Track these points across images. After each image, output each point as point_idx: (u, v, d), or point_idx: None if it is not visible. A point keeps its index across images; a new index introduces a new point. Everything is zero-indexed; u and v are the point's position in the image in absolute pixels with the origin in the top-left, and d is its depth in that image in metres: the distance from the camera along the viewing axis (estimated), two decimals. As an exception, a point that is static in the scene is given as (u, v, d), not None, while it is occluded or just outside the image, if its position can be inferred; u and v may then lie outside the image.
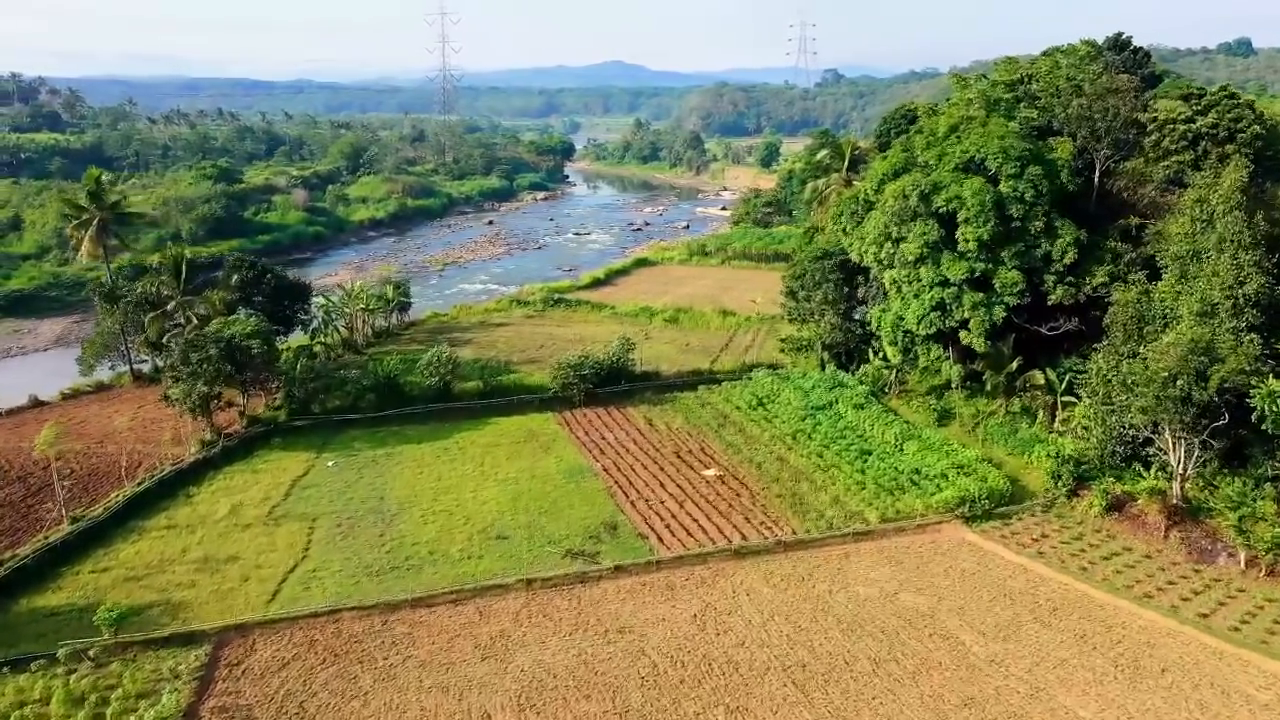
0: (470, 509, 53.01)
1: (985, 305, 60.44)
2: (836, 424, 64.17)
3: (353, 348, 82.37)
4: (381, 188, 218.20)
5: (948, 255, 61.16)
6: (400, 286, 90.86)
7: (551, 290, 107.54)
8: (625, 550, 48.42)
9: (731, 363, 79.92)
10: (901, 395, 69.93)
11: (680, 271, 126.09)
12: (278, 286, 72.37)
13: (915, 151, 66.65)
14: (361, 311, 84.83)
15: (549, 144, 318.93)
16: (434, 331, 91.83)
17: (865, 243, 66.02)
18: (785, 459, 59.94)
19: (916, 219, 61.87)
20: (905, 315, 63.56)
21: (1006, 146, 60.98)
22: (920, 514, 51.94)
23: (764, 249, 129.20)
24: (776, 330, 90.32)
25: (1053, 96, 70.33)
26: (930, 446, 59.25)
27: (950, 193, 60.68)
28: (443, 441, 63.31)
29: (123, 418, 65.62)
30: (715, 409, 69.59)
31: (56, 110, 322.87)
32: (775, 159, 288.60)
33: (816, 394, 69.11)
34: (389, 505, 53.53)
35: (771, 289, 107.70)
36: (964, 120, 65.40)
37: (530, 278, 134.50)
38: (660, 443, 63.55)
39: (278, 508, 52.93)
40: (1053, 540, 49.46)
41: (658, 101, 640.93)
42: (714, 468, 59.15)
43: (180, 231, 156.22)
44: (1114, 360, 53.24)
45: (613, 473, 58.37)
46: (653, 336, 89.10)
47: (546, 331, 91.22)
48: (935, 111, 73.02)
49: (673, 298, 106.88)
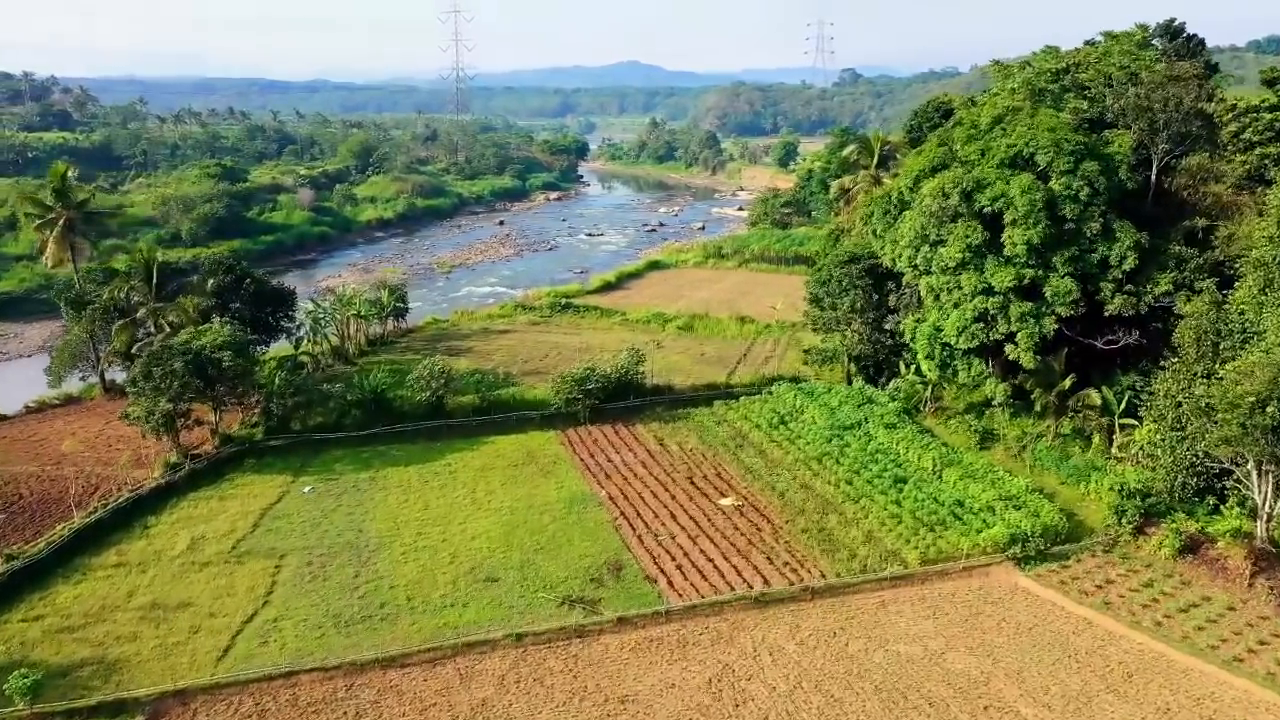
0: (458, 544, 47.24)
1: (1034, 316, 54.18)
2: (867, 446, 58.06)
3: (344, 357, 76.83)
4: (391, 187, 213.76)
5: (992, 260, 54.96)
6: (396, 291, 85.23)
7: (558, 295, 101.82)
8: (631, 597, 42.55)
9: (750, 375, 73.91)
10: (937, 413, 63.75)
11: (695, 274, 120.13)
12: (258, 292, 66.76)
13: (955, 145, 60.47)
14: (353, 318, 79.26)
15: (563, 143, 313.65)
16: (432, 339, 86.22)
17: (899, 246, 59.92)
18: (810, 486, 53.92)
19: (957, 220, 55.71)
20: (943, 326, 57.38)
21: (1059, 139, 54.73)
22: (966, 554, 45.76)
23: (783, 251, 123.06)
24: (798, 339, 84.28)
25: (1104, 85, 64.01)
26: (973, 474, 53.04)
27: (995, 190, 54.49)
28: (433, 464, 57.63)
29: (75, 439, 59.88)
30: (732, 427, 63.65)
31: (67, 109, 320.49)
32: (793, 159, 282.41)
33: (844, 411, 63.04)
34: (367, 539, 47.83)
35: (792, 293, 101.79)
36: (1009, 111, 59.15)
37: (540, 280, 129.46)
38: (672, 466, 57.66)
39: (243, 542, 47.32)
40: (1119, 588, 43.21)
41: (674, 101, 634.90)
42: (731, 496, 53.19)
43: (180, 232, 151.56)
44: (1185, 380, 47.01)
45: (619, 501, 52.51)
46: (665, 345, 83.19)
47: (551, 340, 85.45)
48: (974, 103, 66.80)
49: (687, 303, 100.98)
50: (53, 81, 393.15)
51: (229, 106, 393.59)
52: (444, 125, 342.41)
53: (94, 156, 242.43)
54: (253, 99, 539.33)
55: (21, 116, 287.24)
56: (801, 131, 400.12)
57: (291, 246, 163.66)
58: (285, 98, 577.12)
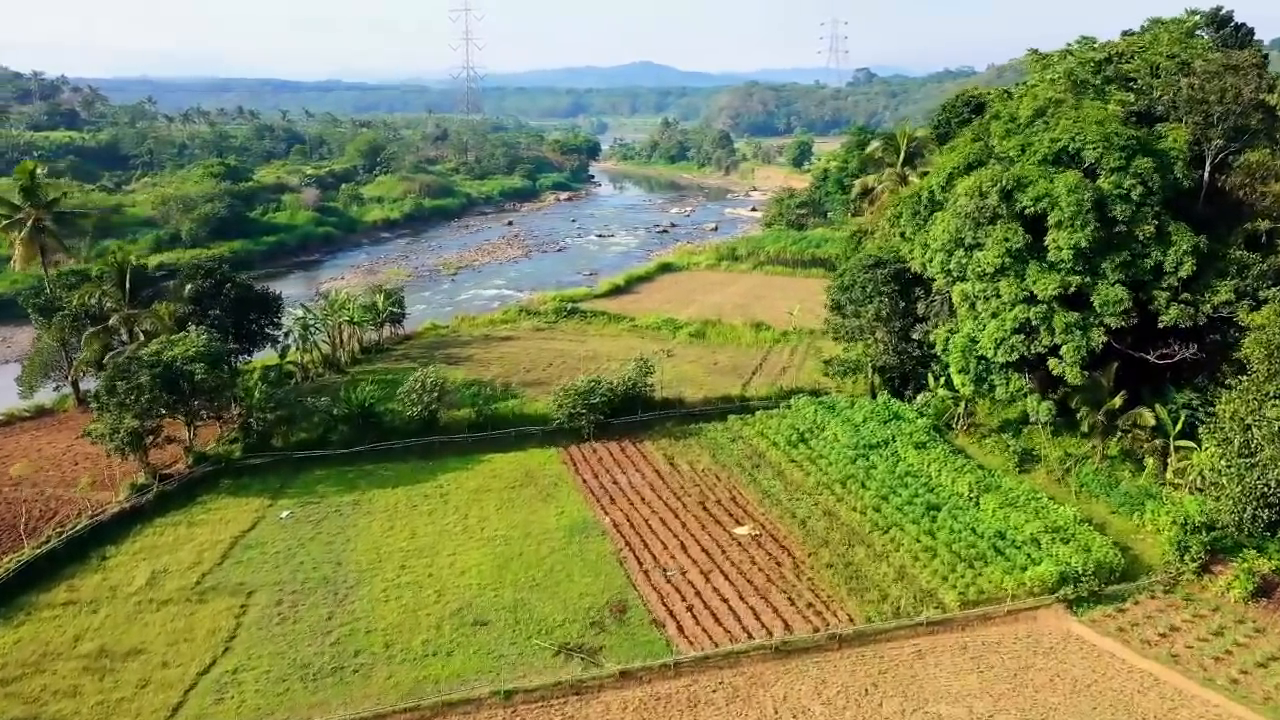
0: (445, 580, 42.72)
1: (1081, 327, 49.25)
2: (895, 468, 53.29)
3: (335, 366, 72.48)
4: (398, 187, 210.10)
5: (1035, 266, 50.07)
6: (392, 296, 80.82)
7: (564, 299, 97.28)
8: (635, 644, 37.94)
9: (766, 387, 69.18)
10: (969, 431, 58.90)
11: (708, 277, 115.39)
12: (241, 297, 62.36)
13: (991, 141, 55.65)
14: (346, 324, 74.91)
15: (574, 143, 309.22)
16: (430, 346, 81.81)
17: (930, 250, 55.11)
18: (834, 513, 49.18)
19: (996, 221, 50.85)
20: (979, 338, 52.51)
21: (1108, 133, 49.81)
22: (1010, 595, 40.97)
23: (799, 253, 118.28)
24: (817, 347, 79.51)
25: (1150, 76, 59.06)
26: (1014, 501, 48.17)
27: (1038, 189, 49.59)
28: (423, 485, 53.13)
29: (34, 458, 55.52)
30: (748, 445, 58.97)
31: (75, 108, 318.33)
32: (807, 158, 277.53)
33: (869, 429, 58.26)
34: (345, 573, 43.36)
35: (809, 298, 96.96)
36: (1050, 104, 54.25)
37: (548, 282, 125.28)
38: (683, 488, 53.00)
39: (209, 576, 42.92)
40: (1186, 636, 38.36)
41: (686, 101, 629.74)
42: (748, 524, 48.48)
43: (180, 232, 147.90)
44: (1255, 401, 42.06)
45: (624, 530, 47.89)
46: (676, 354, 78.53)
47: (556, 347, 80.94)
48: (1010, 95, 61.88)
49: (699, 308, 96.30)
50: (62, 81, 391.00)
51: (238, 106, 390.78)
52: (454, 125, 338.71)
53: (100, 156, 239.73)
54: (266, 99, 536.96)
55: (29, 116, 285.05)
56: (815, 131, 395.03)
57: (295, 247, 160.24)
58: (298, 98, 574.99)
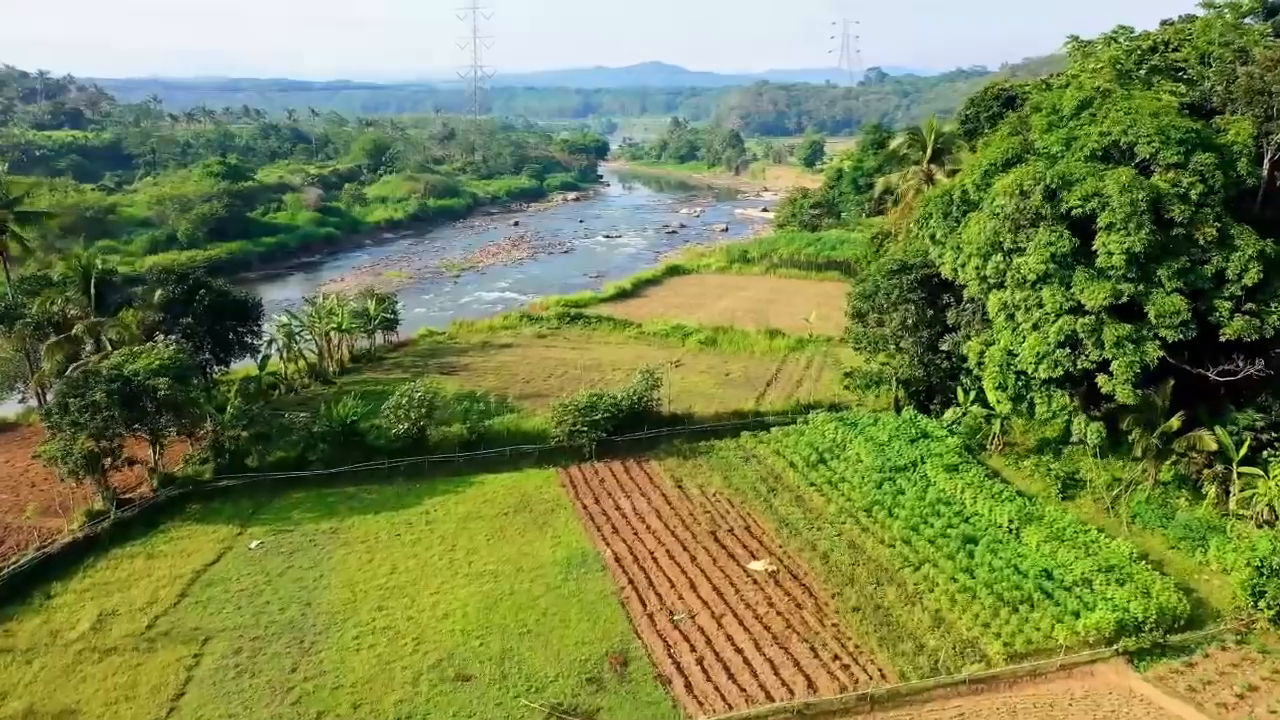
0: (425, 625, 38.17)
1: (1134, 341, 44.42)
2: (925, 494, 48.52)
3: (321, 377, 68.02)
4: (403, 187, 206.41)
5: (1082, 273, 45.25)
6: (385, 301, 76.39)
7: (567, 305, 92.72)
8: (637, 704, 33.29)
9: (782, 400, 64.48)
10: (1004, 452, 54.10)
11: (718, 281, 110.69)
12: (216, 304, 57.90)
13: (1031, 135, 50.89)
14: (334, 332, 70.48)
15: (582, 142, 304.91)
16: (425, 355, 77.35)
17: (963, 254, 50.32)
18: (860, 546, 44.45)
19: (1039, 223, 46.06)
20: (1019, 351, 47.73)
21: (1164, 126, 44.98)
22: (1063, 646, 36.23)
23: (814, 256, 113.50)
24: (835, 356, 74.78)
25: (1201, 66, 54.20)
26: (1060, 534, 43.37)
27: (1086, 188, 44.80)
28: (408, 511, 48.61)
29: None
30: (763, 465, 54.28)
31: (79, 107, 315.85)
32: (819, 158, 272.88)
33: (895, 448, 53.50)
34: (315, 616, 38.85)
35: (825, 303, 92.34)
36: (1097, 94, 49.44)
37: (553, 285, 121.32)
38: (692, 515, 48.34)
39: (162, 618, 38.47)
40: (1269, 697, 33.50)
41: (696, 101, 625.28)
42: (764, 558, 43.78)
43: (176, 233, 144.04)
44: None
45: (627, 564, 43.27)
46: (685, 363, 73.91)
47: (557, 356, 76.36)
48: (1049, 86, 57.03)
49: (710, 313, 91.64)
50: (69, 80, 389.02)
51: (244, 105, 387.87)
52: (461, 125, 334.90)
53: (104, 155, 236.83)
54: (274, 99, 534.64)
55: (34, 115, 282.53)
56: (826, 131, 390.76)
57: (295, 248, 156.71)
58: (307, 98, 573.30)
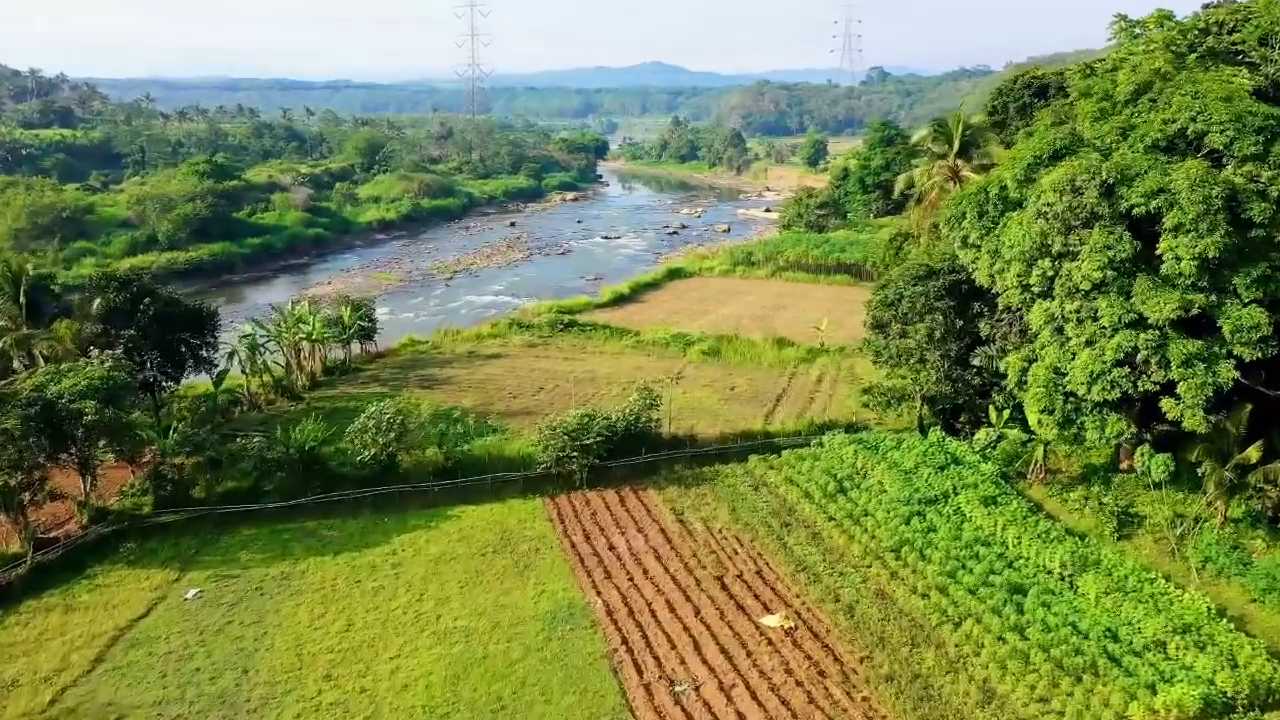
0: (381, 700, 32.23)
1: (1205, 360, 38.60)
2: (960, 531, 42.65)
3: (289, 392, 62.14)
4: (396, 186, 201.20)
5: (1145, 281, 39.42)
6: (361, 308, 70.40)
7: (561, 311, 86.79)
8: (631, 809, 27.51)
9: (794, 419, 58.62)
10: (1046, 480, 48.19)
11: (721, 285, 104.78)
12: (164, 314, 51.87)
13: (1079, 125, 45.06)
14: (304, 342, 64.60)
15: (581, 141, 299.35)
16: (406, 366, 71.43)
17: (1003, 259, 44.43)
18: (889, 595, 38.61)
19: (1094, 224, 40.21)
20: (1069, 369, 41.87)
21: (1240, 112, 39.17)
22: (1139, 730, 30.38)
23: (823, 258, 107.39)
24: (851, 368, 68.96)
25: (1263, 48, 48.41)
26: (1122, 584, 37.46)
27: (1150, 183, 38.98)
28: (372, 551, 42.73)
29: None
30: (775, 495, 48.41)
31: (70, 106, 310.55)
32: (822, 157, 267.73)
33: (923, 477, 47.61)
34: (252, 687, 32.95)
35: (835, 309, 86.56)
36: (1156, 77, 43.62)
37: (549, 287, 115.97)
38: (695, 557, 42.46)
39: (71, 690, 32.59)
40: (1396, 801, 27.74)
41: (697, 101, 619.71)
42: (779, 612, 37.88)
43: (157, 233, 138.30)
44: None
45: (620, 618, 37.41)
46: (687, 376, 68.05)
47: (549, 367, 70.46)
48: (1093, 70, 51.16)
49: (713, 320, 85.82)
50: (61, 79, 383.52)
51: (238, 104, 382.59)
52: (459, 124, 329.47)
53: (92, 154, 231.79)
54: (274, 98, 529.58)
55: (23, 113, 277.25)
56: (828, 131, 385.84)
57: (282, 250, 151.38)
58: (307, 97, 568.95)
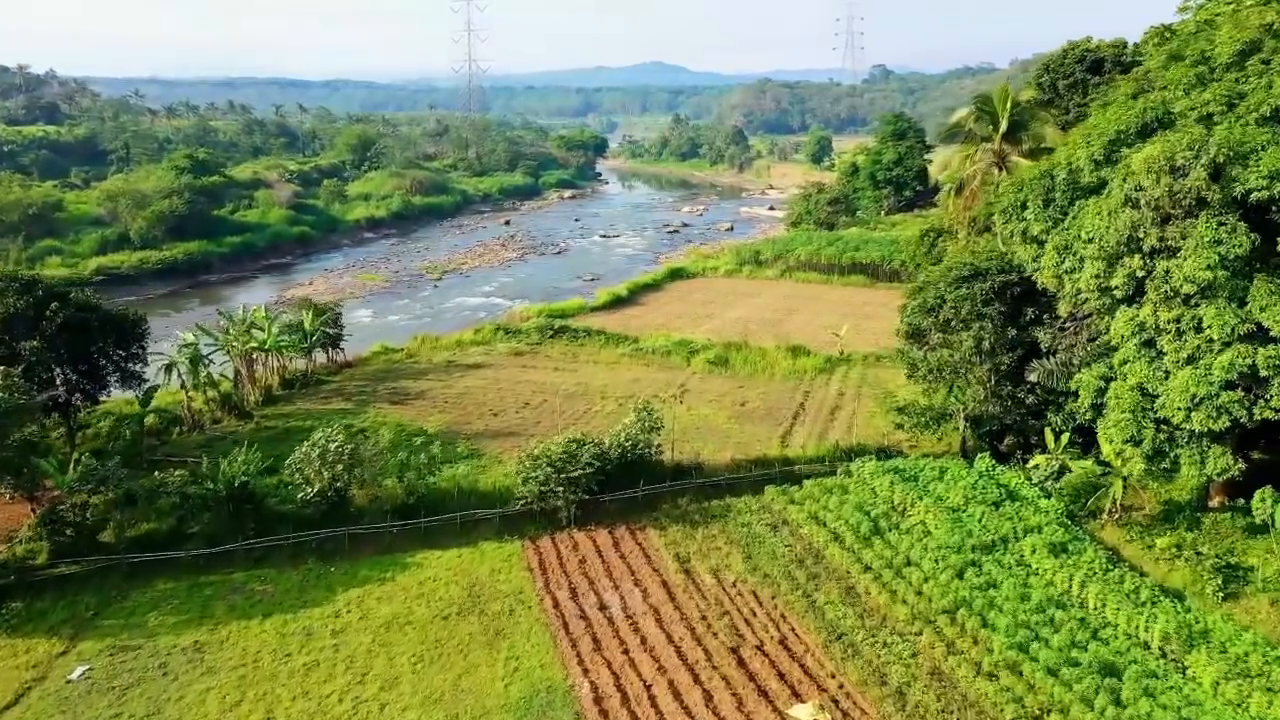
0: (295, 833, 24.67)
1: (1341, 381, 30.95)
2: (1027, 587, 34.92)
3: (236, 410, 54.33)
4: (388, 183, 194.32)
5: (1265, 283, 31.75)
6: (325, 313, 62.60)
7: (552, 314, 79.08)
8: None
9: (814, 441, 50.88)
10: (1121, 520, 40.41)
11: (727, 286, 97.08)
12: (76, 322, 43.71)
13: (1170, 93, 37.38)
14: (256, 353, 56.80)
15: (579, 139, 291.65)
16: (376, 377, 63.62)
17: (1075, 255, 36.77)
18: (948, 676, 30.87)
19: (1199, 212, 32.54)
20: (1162, 391, 34.21)
21: (1382, 73, 31.57)
22: None
23: (835, 258, 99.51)
24: (874, 380, 61.30)
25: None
26: (1243, 665, 29.61)
27: (1272, 161, 31.34)
28: (309, 614, 34.93)
29: None
30: (798, 537, 40.66)
31: (56, 102, 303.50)
32: (827, 155, 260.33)
33: (975, 517, 39.89)
34: (129, 813, 25.39)
35: (852, 313, 79.14)
36: (1265, 34, 35.90)
37: (543, 288, 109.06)
38: (705, 619, 34.75)
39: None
40: None
41: (697, 100, 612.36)
42: (811, 700, 30.13)
43: (129, 232, 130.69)
44: None
45: (612, 708, 29.57)
46: (690, 389, 60.34)
47: (536, 379, 62.71)
48: (1171, 33, 43.44)
49: (719, 324, 78.14)
50: (51, 75, 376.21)
51: (229, 101, 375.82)
52: (455, 121, 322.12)
53: (76, 151, 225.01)
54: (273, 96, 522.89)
55: (8, 110, 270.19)
56: (831, 129, 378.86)
57: (264, 249, 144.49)
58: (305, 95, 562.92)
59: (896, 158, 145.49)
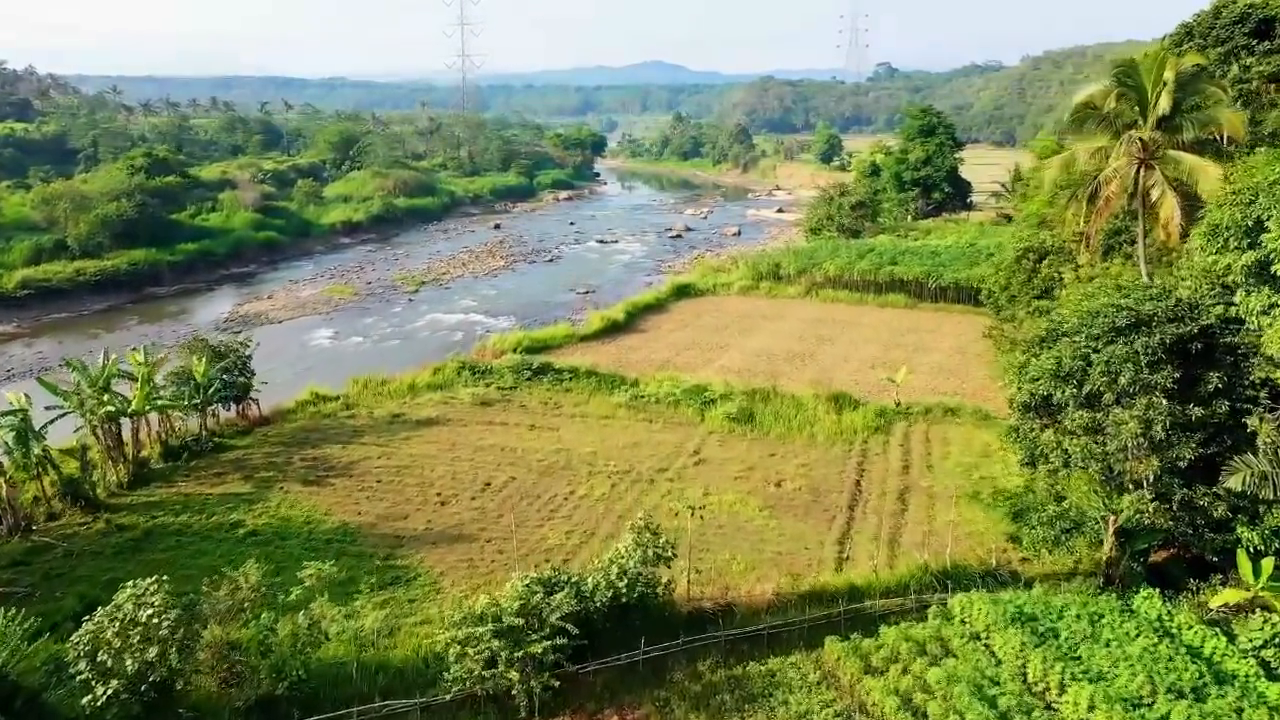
0: None
1: None
2: None
3: (86, 500, 39.20)
4: (369, 184, 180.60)
5: None
6: (227, 355, 47.70)
7: (533, 346, 64.14)
8: None
9: (884, 550, 35.91)
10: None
11: (744, 307, 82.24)
12: None
13: None
14: (118, 415, 41.92)
15: (577, 137, 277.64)
16: (294, 440, 48.34)
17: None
18: None
19: None
20: None
21: None
22: None
23: (870, 273, 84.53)
24: (946, 438, 46.58)
25: None
26: None
27: None
28: None
29: None
30: (885, 741, 25.96)
31: (28, 99, 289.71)
32: (837, 154, 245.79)
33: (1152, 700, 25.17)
34: None
35: (897, 342, 64.92)
36: None
37: (531, 302, 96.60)
38: None
39: None
40: None
41: (699, 99, 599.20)
42: None
43: (66, 238, 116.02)
44: None
45: None
46: (706, 458, 45.51)
47: (504, 442, 47.66)
48: None
49: (737, 359, 63.44)
50: (30, 72, 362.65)
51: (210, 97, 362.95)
52: (447, 118, 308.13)
53: (46, 149, 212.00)
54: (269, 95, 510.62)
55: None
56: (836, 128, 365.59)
57: (224, 257, 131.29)
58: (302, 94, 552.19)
59: (925, 156, 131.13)
